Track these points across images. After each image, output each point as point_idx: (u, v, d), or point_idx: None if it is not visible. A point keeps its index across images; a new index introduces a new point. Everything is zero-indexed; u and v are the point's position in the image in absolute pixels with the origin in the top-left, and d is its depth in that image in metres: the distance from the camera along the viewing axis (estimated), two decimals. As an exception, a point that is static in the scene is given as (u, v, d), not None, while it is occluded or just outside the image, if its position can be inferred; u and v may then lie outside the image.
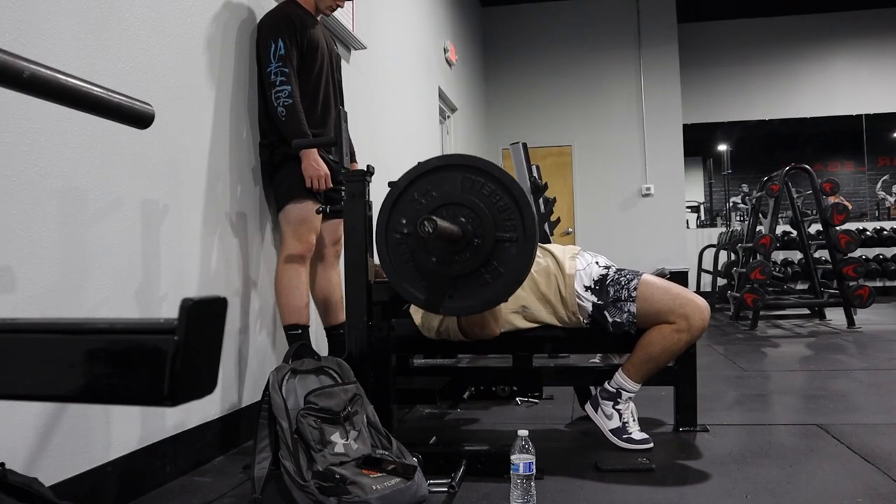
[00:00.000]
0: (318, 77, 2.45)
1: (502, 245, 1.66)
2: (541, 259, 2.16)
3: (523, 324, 2.15)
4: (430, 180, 1.71)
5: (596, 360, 2.82)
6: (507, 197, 1.66)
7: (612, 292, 2.07)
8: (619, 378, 2.08)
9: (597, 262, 2.17)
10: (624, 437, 2.05)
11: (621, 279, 2.08)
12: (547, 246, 2.23)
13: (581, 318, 2.12)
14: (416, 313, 2.22)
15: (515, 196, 1.65)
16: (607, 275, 2.11)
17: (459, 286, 1.70)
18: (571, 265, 2.13)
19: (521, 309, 2.13)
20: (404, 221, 1.72)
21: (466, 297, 1.70)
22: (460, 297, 1.71)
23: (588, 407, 2.15)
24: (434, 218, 1.50)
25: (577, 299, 2.10)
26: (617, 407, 2.08)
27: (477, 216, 1.66)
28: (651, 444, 2.03)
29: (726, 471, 1.82)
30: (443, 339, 2.19)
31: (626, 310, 2.04)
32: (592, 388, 2.23)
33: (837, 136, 9.33)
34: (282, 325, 2.37)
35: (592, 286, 2.10)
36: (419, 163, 1.75)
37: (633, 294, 2.04)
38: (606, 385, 2.11)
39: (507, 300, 1.77)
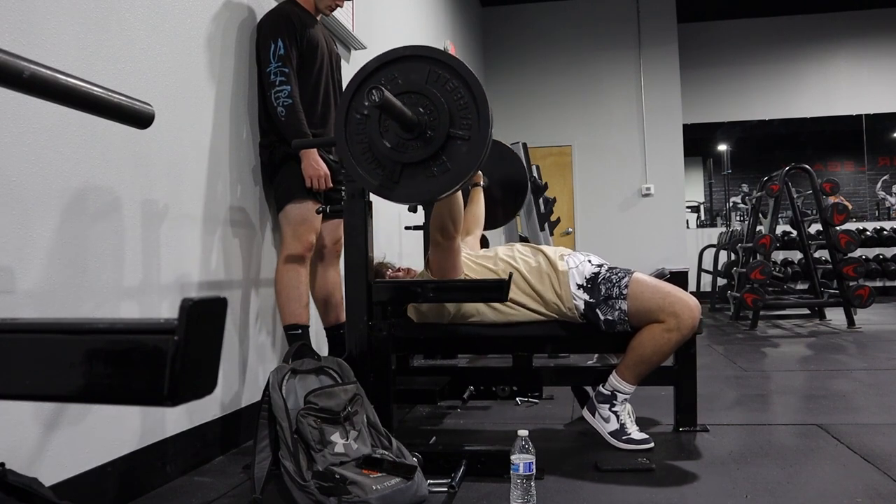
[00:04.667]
0: (318, 77, 2.45)
1: (454, 141, 1.66)
2: (532, 259, 2.17)
3: (523, 315, 2.14)
4: (399, 67, 1.71)
5: (592, 361, 2.82)
6: (469, 96, 1.66)
7: (603, 290, 2.07)
8: (614, 380, 2.08)
9: (589, 261, 2.17)
10: (623, 438, 2.05)
11: (613, 277, 2.08)
12: (538, 246, 2.25)
13: (577, 314, 2.12)
14: (411, 306, 2.23)
15: (476, 96, 1.66)
16: (599, 273, 2.11)
17: (407, 174, 1.71)
18: (563, 263, 2.14)
19: (517, 307, 2.13)
20: (367, 103, 1.72)
21: (412, 185, 1.71)
22: (406, 185, 1.71)
23: (586, 411, 2.15)
24: (383, 88, 1.49)
25: (572, 298, 2.10)
26: (613, 409, 2.08)
27: (435, 109, 1.67)
28: (651, 444, 2.03)
29: (726, 471, 1.82)
30: (427, 321, 2.19)
31: (617, 307, 2.04)
32: (590, 391, 2.23)
33: (837, 136, 9.33)
34: (282, 325, 2.37)
35: (584, 284, 2.10)
36: (392, 49, 1.75)
37: (625, 292, 2.04)
38: (601, 388, 2.11)
39: (453, 192, 1.77)
